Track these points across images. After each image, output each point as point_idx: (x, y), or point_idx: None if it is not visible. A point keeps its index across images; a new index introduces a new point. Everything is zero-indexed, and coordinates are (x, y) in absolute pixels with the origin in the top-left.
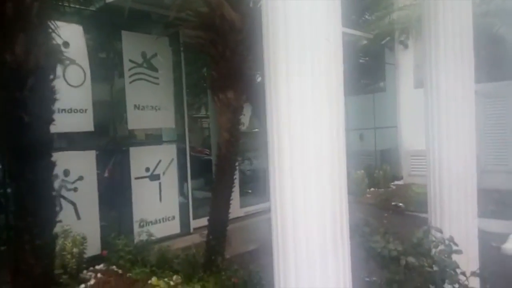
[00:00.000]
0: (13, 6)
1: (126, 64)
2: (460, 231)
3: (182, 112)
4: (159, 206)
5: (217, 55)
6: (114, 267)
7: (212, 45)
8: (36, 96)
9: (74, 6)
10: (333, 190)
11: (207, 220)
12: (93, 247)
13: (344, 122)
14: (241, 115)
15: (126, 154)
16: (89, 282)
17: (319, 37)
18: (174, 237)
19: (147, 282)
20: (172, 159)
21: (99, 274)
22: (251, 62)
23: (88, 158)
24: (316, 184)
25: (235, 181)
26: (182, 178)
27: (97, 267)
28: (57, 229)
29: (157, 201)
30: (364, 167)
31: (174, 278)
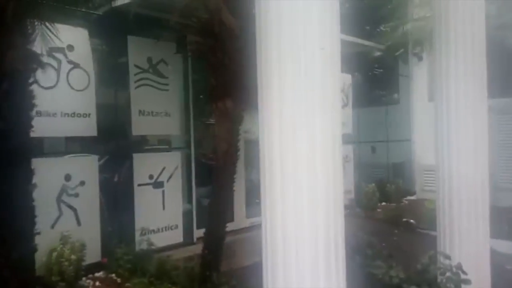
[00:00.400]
0: None
1: (132, 69)
2: (470, 255)
3: (188, 119)
4: (162, 214)
5: (216, 62)
6: (113, 275)
7: (211, 52)
8: (11, 101)
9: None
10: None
11: (203, 233)
12: (93, 254)
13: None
14: (240, 124)
15: (129, 160)
16: None
17: (314, 46)
18: (177, 246)
19: None
20: (177, 167)
21: (97, 282)
22: (251, 70)
23: (90, 163)
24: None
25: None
26: (186, 186)
27: (97, 274)
28: (57, 235)
29: (160, 209)
30: (376, 180)
31: None
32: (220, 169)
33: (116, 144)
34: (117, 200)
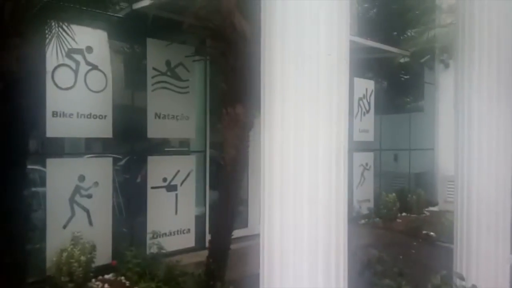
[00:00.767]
0: None
1: (150, 72)
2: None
3: (204, 123)
4: (174, 218)
5: (227, 67)
6: (122, 278)
7: (223, 56)
8: (4, 102)
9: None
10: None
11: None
12: (104, 255)
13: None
14: (249, 131)
15: (143, 162)
16: None
17: (320, 51)
18: (188, 251)
19: None
20: (191, 170)
21: (106, 285)
22: None
23: (105, 165)
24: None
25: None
26: (200, 190)
27: (106, 276)
28: (68, 235)
29: (172, 213)
30: (397, 190)
31: None
32: (228, 175)
33: (131, 146)
34: (130, 202)
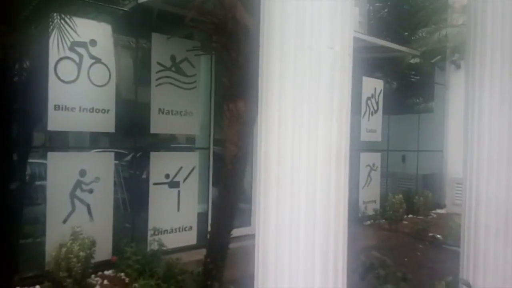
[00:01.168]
0: None
1: (154, 67)
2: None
3: (209, 119)
4: (176, 214)
5: (229, 62)
6: (122, 274)
7: (225, 50)
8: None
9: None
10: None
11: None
12: (104, 251)
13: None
14: (251, 128)
15: (146, 158)
16: None
17: (321, 45)
18: (190, 248)
19: None
20: (194, 167)
21: (105, 281)
22: None
23: (106, 160)
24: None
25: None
26: (203, 187)
27: (106, 272)
28: (68, 230)
29: (174, 210)
30: (403, 191)
31: None
32: (228, 173)
33: (134, 141)
34: (132, 198)
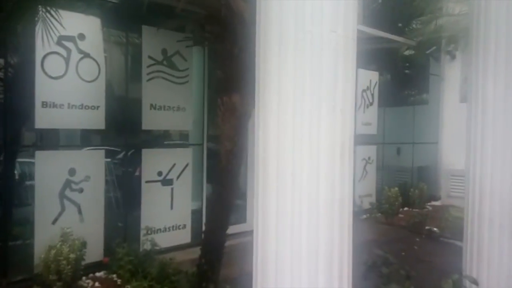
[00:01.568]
0: None
1: (145, 61)
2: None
3: (202, 114)
4: (170, 213)
5: (223, 53)
6: (114, 276)
7: (219, 41)
8: None
9: None
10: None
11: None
12: (95, 252)
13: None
14: (247, 122)
15: (137, 155)
16: None
17: (323, 28)
18: (184, 247)
19: None
20: (188, 164)
21: (97, 283)
22: None
23: (97, 158)
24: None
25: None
26: (197, 184)
27: (98, 274)
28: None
29: (167, 208)
30: (399, 184)
31: None
32: (223, 169)
33: (125, 138)
34: (124, 197)
